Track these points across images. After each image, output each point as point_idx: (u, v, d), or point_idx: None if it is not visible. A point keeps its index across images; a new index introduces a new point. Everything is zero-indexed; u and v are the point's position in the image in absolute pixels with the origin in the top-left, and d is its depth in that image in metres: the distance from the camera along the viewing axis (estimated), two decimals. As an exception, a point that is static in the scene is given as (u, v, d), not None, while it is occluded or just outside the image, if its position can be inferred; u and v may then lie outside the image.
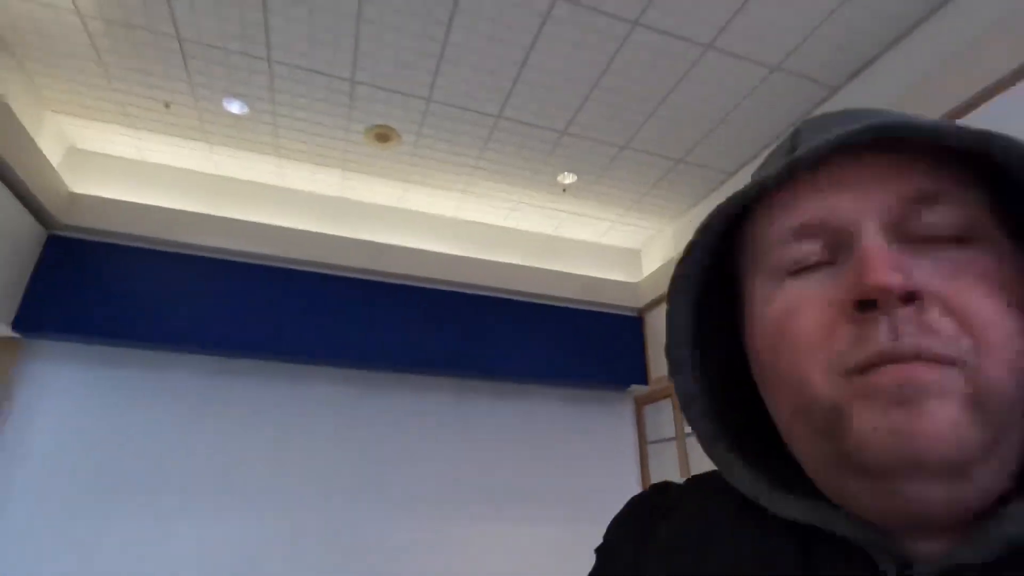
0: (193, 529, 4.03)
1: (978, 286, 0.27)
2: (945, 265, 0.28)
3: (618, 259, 6.09)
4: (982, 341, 0.26)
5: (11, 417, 4.04)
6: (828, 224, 0.30)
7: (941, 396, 0.26)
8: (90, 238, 4.28)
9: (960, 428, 0.26)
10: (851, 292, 0.27)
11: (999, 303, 0.27)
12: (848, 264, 0.30)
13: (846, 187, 0.30)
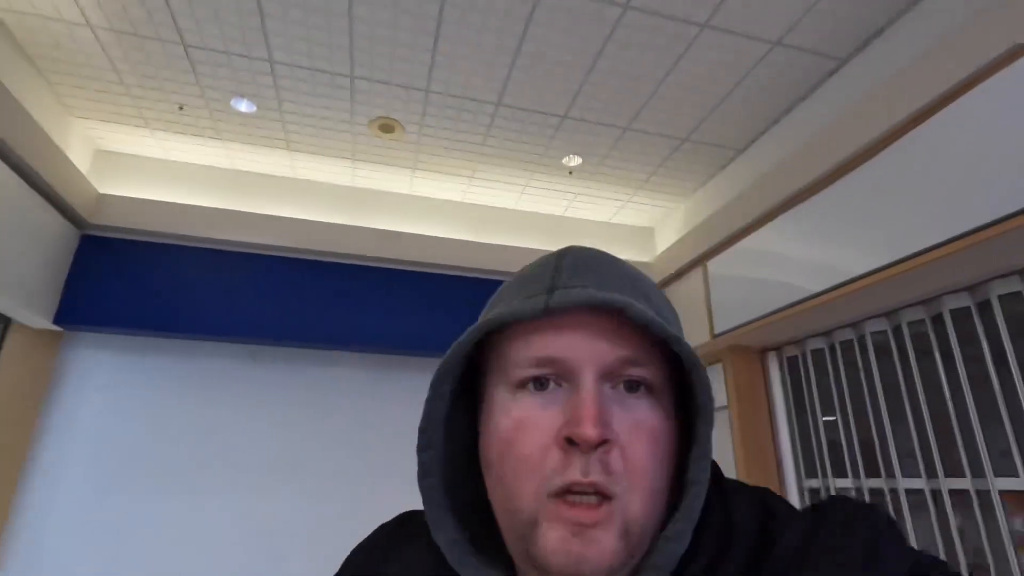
0: (224, 506, 4.35)
1: (644, 441, 0.37)
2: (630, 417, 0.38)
3: (631, 238, 6.07)
4: (633, 482, 0.36)
5: (58, 402, 4.41)
6: (563, 361, 0.38)
7: (603, 529, 0.35)
8: (119, 236, 4.56)
9: (613, 554, 0.36)
10: (565, 430, 0.36)
11: (652, 454, 0.37)
12: (570, 397, 0.38)
13: (583, 337, 0.38)
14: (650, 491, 0.37)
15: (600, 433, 0.36)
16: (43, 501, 4.19)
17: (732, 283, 4.53)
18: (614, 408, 0.39)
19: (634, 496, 0.37)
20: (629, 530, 0.36)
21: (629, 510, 0.36)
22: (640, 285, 0.42)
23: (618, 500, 0.36)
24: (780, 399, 4.51)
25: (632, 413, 0.39)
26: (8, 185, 3.71)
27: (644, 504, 0.37)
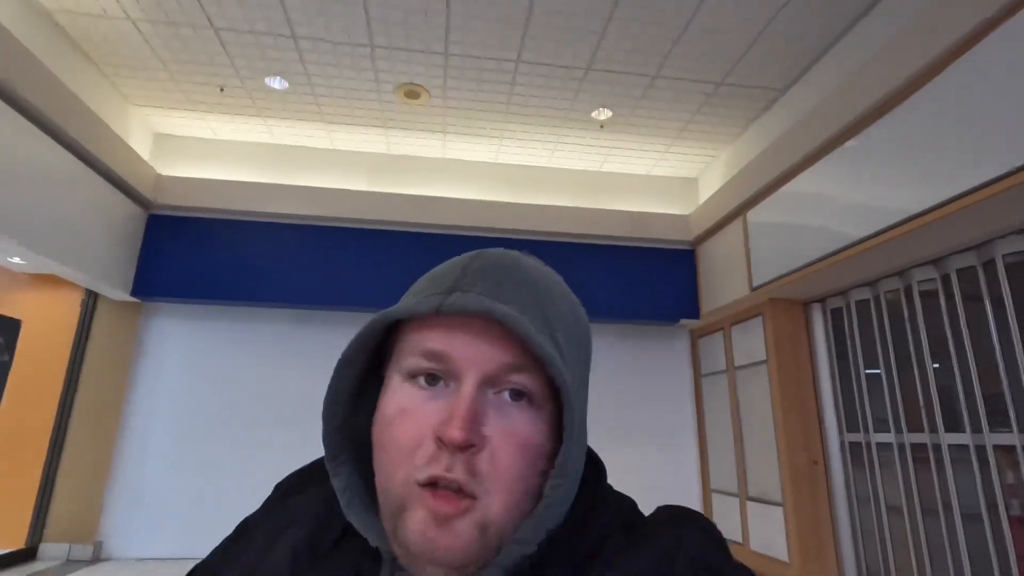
0: (278, 452, 4.81)
1: (512, 449, 0.39)
2: (505, 424, 0.40)
3: (673, 190, 5.88)
4: (496, 485, 0.39)
5: (143, 364, 4.98)
6: (448, 358, 0.40)
7: (461, 522, 0.38)
8: (179, 214, 4.97)
9: (468, 544, 0.38)
10: (438, 429, 0.39)
11: (519, 462, 0.39)
12: (449, 396, 0.40)
13: (471, 340, 0.40)
14: (512, 496, 0.39)
15: (464, 438, 0.38)
16: (139, 447, 4.81)
17: (772, 232, 4.33)
18: (490, 413, 0.40)
19: (495, 498, 0.39)
20: (487, 528, 0.38)
21: (490, 510, 0.38)
22: (542, 296, 0.43)
23: (480, 500, 0.39)
24: (823, 352, 4.34)
25: (508, 420, 0.40)
26: (79, 174, 4.13)
27: (504, 507, 0.39)
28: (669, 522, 0.43)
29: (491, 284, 0.42)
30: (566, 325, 0.44)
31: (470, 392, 0.40)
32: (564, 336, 0.43)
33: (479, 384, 0.40)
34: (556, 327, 0.43)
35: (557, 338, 0.42)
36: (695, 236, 5.46)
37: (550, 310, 0.43)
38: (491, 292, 0.41)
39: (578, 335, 0.45)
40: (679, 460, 5.37)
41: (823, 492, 4.11)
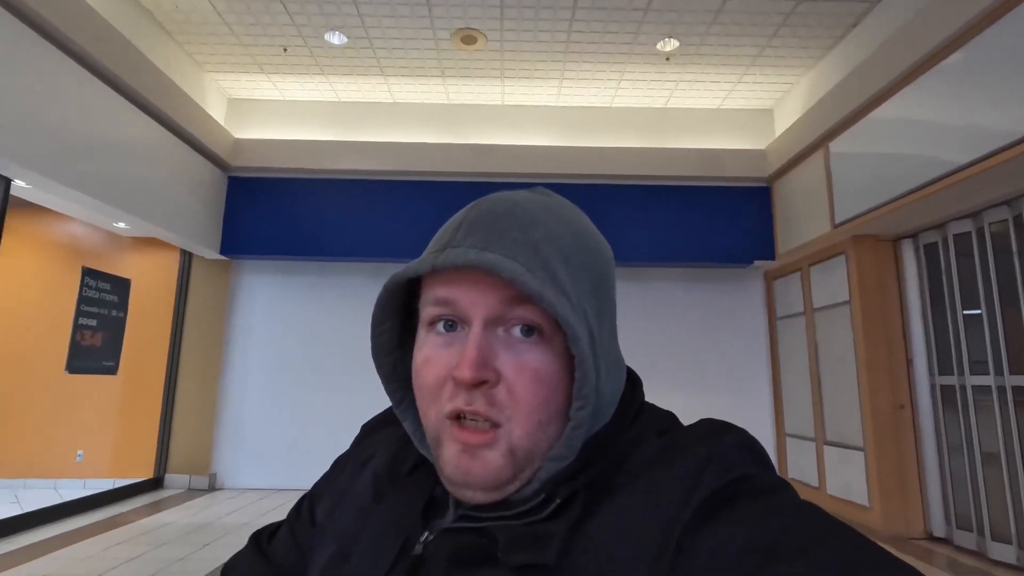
0: (361, 397, 5.14)
1: (527, 380, 0.42)
2: (516, 359, 0.43)
3: (745, 123, 5.51)
4: (516, 413, 0.42)
5: (236, 317, 5.41)
6: (455, 303, 0.44)
7: (489, 449, 0.42)
8: (256, 175, 5.23)
9: (499, 469, 0.42)
10: (452, 372, 0.42)
11: (535, 392, 0.42)
12: (463, 339, 0.44)
13: (472, 287, 0.43)
14: (533, 422, 0.42)
15: (472, 376, 0.41)
16: (238, 392, 5.30)
17: (858, 164, 4.00)
18: (500, 351, 0.43)
19: (516, 425, 0.42)
20: (514, 451, 0.42)
21: (513, 435, 0.42)
22: (535, 232, 0.44)
23: (503, 427, 0.42)
24: (914, 291, 4.04)
25: (519, 356, 0.43)
26: (166, 142, 4.42)
27: (527, 432, 0.42)
28: (708, 435, 0.43)
29: (482, 235, 0.44)
30: (568, 256, 0.45)
31: (476, 333, 0.43)
32: (566, 267, 0.44)
33: (485, 325, 0.43)
34: (553, 260, 0.44)
35: (554, 270, 0.43)
36: (771, 172, 5.13)
37: (546, 245, 0.44)
38: (481, 242, 0.44)
39: (586, 263, 0.46)
40: (752, 404, 5.27)
41: (909, 437, 3.92)
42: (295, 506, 0.57)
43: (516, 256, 0.43)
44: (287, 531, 0.57)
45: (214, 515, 4.20)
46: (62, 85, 3.45)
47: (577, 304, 0.44)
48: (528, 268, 0.42)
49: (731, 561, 0.34)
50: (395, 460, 0.53)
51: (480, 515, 0.44)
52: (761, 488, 0.39)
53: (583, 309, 0.44)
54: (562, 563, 0.38)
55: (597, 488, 0.42)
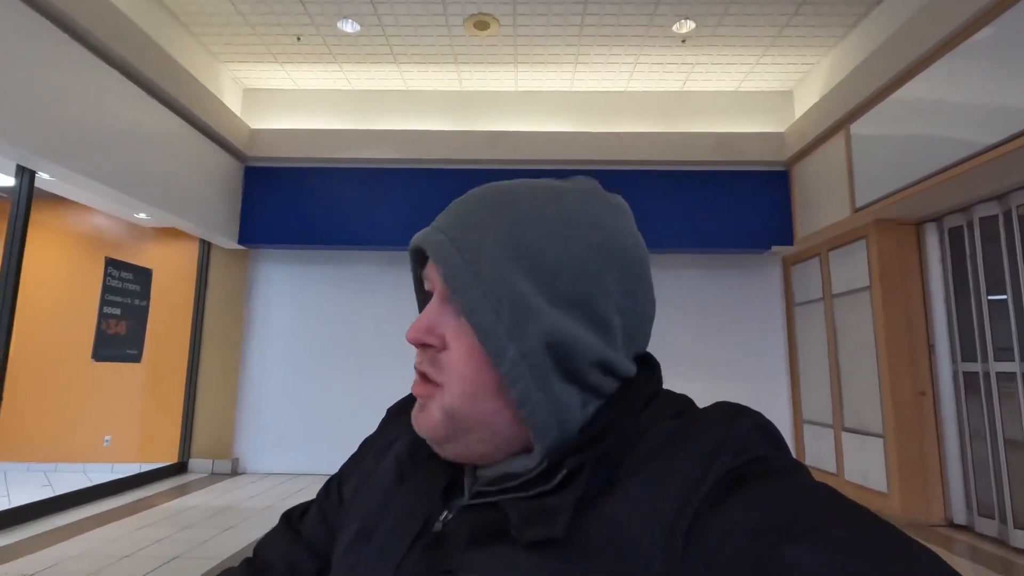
0: (378, 381, 5.20)
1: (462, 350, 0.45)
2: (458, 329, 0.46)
3: (764, 106, 5.40)
4: (449, 379, 0.46)
5: (255, 305, 5.49)
6: (428, 278, 0.49)
7: (431, 401, 0.47)
8: (271, 165, 5.27)
9: (437, 424, 0.46)
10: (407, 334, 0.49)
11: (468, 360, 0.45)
12: None
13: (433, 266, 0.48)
14: (462, 390, 0.45)
15: (412, 337, 0.47)
16: (258, 378, 5.40)
17: (880, 146, 3.91)
18: (449, 321, 0.47)
19: (454, 389, 0.45)
20: (448, 412, 0.45)
21: (452, 399, 0.45)
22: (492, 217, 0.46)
23: (442, 388, 0.46)
24: (937, 276, 3.96)
25: (461, 327, 0.46)
26: (184, 134, 4.48)
27: (457, 398, 0.45)
28: (723, 416, 0.43)
29: (447, 217, 0.49)
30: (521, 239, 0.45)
31: (432, 303, 0.48)
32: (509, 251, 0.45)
33: (441, 298, 0.48)
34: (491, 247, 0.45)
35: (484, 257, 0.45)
36: (789, 155, 5.04)
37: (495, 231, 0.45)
38: (442, 223, 0.48)
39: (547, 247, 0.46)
40: (769, 391, 5.23)
41: (930, 423, 3.87)
42: (324, 486, 0.60)
43: (458, 239, 0.46)
44: (317, 510, 0.59)
45: (237, 499, 4.31)
46: (82, 78, 3.50)
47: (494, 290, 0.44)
48: (458, 251, 0.45)
49: (744, 541, 0.34)
50: (417, 442, 0.55)
51: (491, 490, 0.45)
52: (776, 469, 0.39)
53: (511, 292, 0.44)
54: (574, 539, 0.39)
55: (610, 466, 0.43)
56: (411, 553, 0.45)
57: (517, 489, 0.44)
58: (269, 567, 0.55)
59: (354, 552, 0.48)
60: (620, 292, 0.48)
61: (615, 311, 0.47)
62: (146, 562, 2.93)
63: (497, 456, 0.47)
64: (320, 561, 0.54)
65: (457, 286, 0.44)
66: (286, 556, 0.55)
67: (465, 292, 0.44)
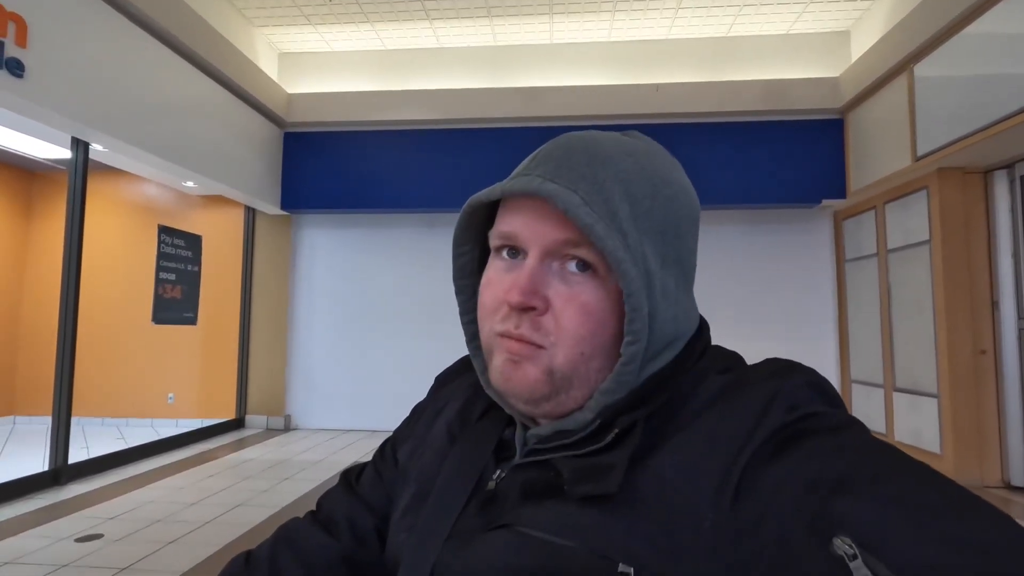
0: (419, 342, 5.32)
1: (574, 311, 0.44)
2: (567, 290, 0.45)
3: (817, 49, 5.06)
4: (560, 340, 0.44)
5: (299, 269, 5.65)
6: (516, 236, 0.46)
7: (531, 363, 0.45)
8: (310, 130, 5.31)
9: (536, 382, 0.45)
10: (506, 295, 0.45)
11: (580, 323, 0.44)
12: (522, 267, 0.46)
13: (532, 219, 0.45)
14: (576, 352, 0.44)
15: (519, 300, 0.44)
16: (305, 339, 5.61)
17: (947, 88, 3.62)
18: (553, 281, 0.45)
19: (560, 350, 0.44)
20: (553, 373, 0.44)
21: (555, 359, 0.44)
22: (604, 169, 0.45)
23: (547, 350, 0.45)
24: (1005, 228, 3.71)
25: (570, 287, 0.45)
26: (222, 101, 4.54)
27: (568, 358, 0.44)
28: (775, 373, 0.43)
29: (552, 165, 0.46)
30: (634, 198, 0.45)
31: (531, 264, 0.45)
32: (630, 207, 0.44)
33: (541, 257, 0.45)
34: (616, 198, 0.44)
35: (615, 208, 0.44)
36: (844, 102, 4.74)
37: (612, 183, 0.45)
38: (549, 173, 0.45)
39: (655, 208, 0.46)
40: (816, 350, 5.09)
41: (990, 383, 3.70)
42: (379, 449, 0.63)
43: (578, 189, 0.44)
44: (372, 471, 0.61)
45: (291, 452, 4.55)
46: (128, 51, 3.57)
47: (635, 245, 0.44)
48: (586, 201, 0.43)
49: (796, 495, 0.34)
50: (466, 406, 0.56)
51: (545, 447, 0.46)
52: (829, 425, 0.38)
53: (641, 250, 0.44)
54: (625, 494, 0.39)
55: (660, 422, 0.43)
56: (467, 511, 0.47)
57: (570, 447, 0.44)
58: (331, 521, 0.57)
59: (412, 513, 0.50)
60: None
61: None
62: (212, 508, 3.16)
63: (567, 411, 0.47)
64: (377, 519, 0.57)
65: (599, 235, 0.42)
66: (346, 512, 0.57)
67: (610, 241, 0.42)
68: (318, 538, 0.56)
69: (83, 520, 2.94)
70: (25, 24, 2.88)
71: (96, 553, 2.52)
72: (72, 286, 3.55)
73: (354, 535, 0.56)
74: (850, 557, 0.30)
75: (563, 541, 0.39)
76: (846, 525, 0.31)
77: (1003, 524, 0.30)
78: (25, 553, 2.51)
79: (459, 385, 0.60)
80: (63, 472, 3.55)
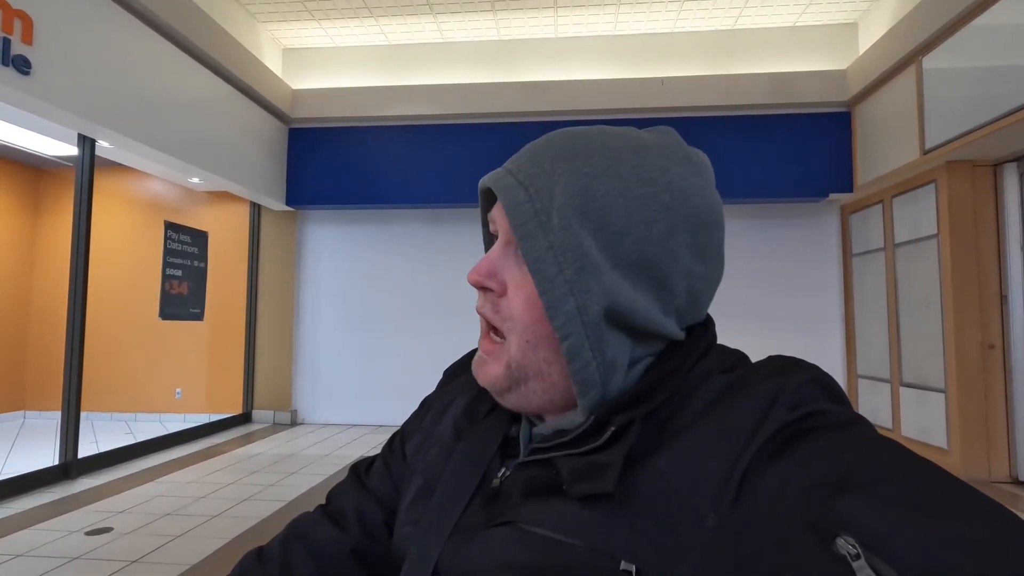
0: (425, 337, 5.33)
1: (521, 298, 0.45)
2: (519, 277, 0.46)
3: (824, 41, 5.01)
4: (512, 327, 0.46)
5: (305, 265, 5.67)
6: (494, 222, 0.50)
7: (493, 359, 0.48)
8: (315, 126, 5.32)
9: (496, 377, 0.48)
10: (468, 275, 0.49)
11: (526, 308, 0.45)
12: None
13: (500, 207, 0.47)
14: (523, 340, 0.45)
15: (473, 280, 0.48)
16: (311, 334, 5.64)
17: (955, 80, 3.58)
18: (511, 267, 0.47)
19: (512, 339, 0.46)
20: (510, 364, 0.46)
21: (511, 350, 0.46)
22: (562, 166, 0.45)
23: (507, 340, 0.47)
24: (1015, 221, 3.67)
25: (524, 276, 0.45)
26: (227, 97, 4.55)
27: (518, 348, 0.46)
28: (778, 370, 0.42)
29: (524, 159, 0.47)
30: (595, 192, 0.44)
31: (494, 249, 0.48)
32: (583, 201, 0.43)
33: (505, 242, 0.48)
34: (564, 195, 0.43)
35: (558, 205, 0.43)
36: (852, 95, 4.70)
37: (569, 179, 0.44)
38: (516, 166, 0.47)
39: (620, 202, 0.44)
40: (823, 344, 5.07)
41: (998, 378, 3.68)
42: (388, 442, 0.63)
43: (530, 185, 0.44)
44: (382, 464, 0.61)
45: (297, 447, 4.58)
46: (133, 48, 3.58)
47: (567, 242, 0.43)
48: (530, 199, 0.44)
49: (799, 494, 0.33)
50: (474, 403, 0.57)
51: (545, 446, 0.46)
52: (834, 423, 0.38)
53: (580, 248, 0.43)
54: (627, 492, 0.39)
55: (662, 421, 0.43)
56: (471, 507, 0.47)
57: (569, 446, 0.45)
58: (341, 514, 0.58)
59: (417, 507, 0.51)
60: (689, 256, 0.45)
61: (681, 275, 0.45)
62: (220, 502, 3.19)
63: (554, 409, 0.48)
64: (386, 512, 0.57)
65: (524, 233, 0.43)
66: (356, 505, 0.58)
67: (531, 240, 0.43)
68: (328, 531, 0.56)
69: (93, 514, 2.97)
70: (31, 21, 2.89)
71: (106, 546, 2.55)
72: (80, 282, 3.57)
73: (363, 528, 0.56)
74: (853, 557, 0.30)
75: (565, 539, 0.39)
76: (849, 525, 0.31)
77: (1009, 524, 0.29)
78: (36, 546, 2.54)
79: (467, 380, 0.60)
80: (73, 466, 3.59)
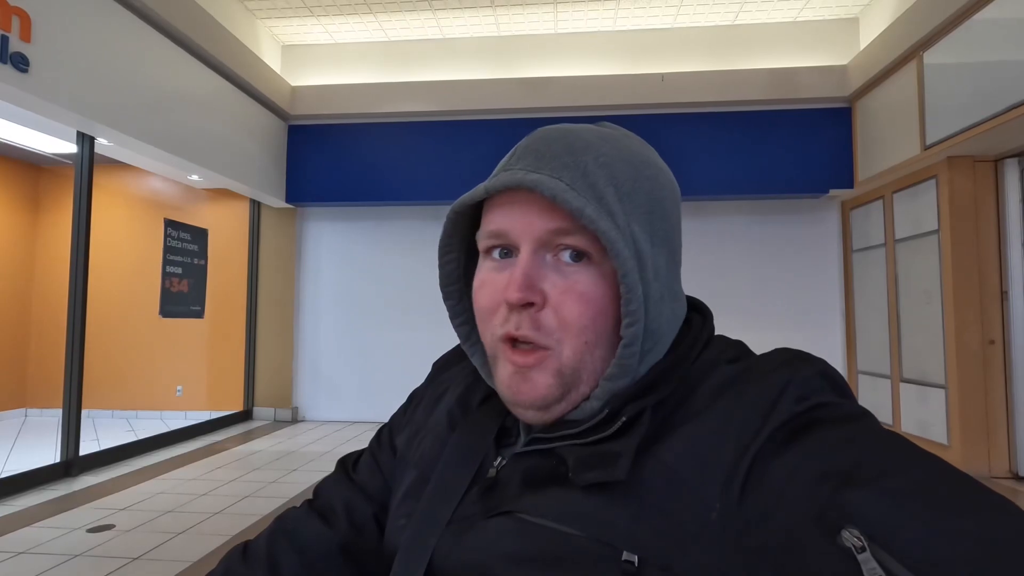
0: (425, 335, 5.33)
1: (574, 302, 0.44)
2: (564, 282, 0.44)
3: (825, 36, 4.99)
4: (563, 335, 0.44)
5: (305, 261, 5.67)
6: (507, 234, 0.46)
7: (539, 371, 0.44)
8: (314, 122, 5.31)
9: (547, 388, 0.44)
10: (503, 295, 0.45)
11: (581, 313, 0.44)
12: (512, 265, 0.46)
13: (521, 213, 0.45)
14: (581, 342, 0.44)
15: (520, 297, 0.43)
16: (311, 331, 5.64)
17: (956, 75, 3.57)
18: (549, 274, 0.44)
19: (565, 346, 0.44)
20: (562, 372, 0.44)
21: (562, 357, 0.44)
22: (585, 156, 0.45)
23: (552, 350, 0.44)
24: (1016, 217, 3.67)
25: (566, 278, 0.44)
26: (226, 94, 4.54)
27: (575, 352, 0.44)
28: (786, 363, 0.42)
29: (533, 158, 0.45)
30: (618, 180, 0.45)
31: (524, 259, 0.45)
32: (615, 190, 0.44)
33: (533, 250, 0.45)
34: (601, 182, 0.44)
35: (601, 192, 0.44)
36: (852, 90, 4.68)
37: (596, 168, 0.45)
38: (531, 165, 0.45)
39: (639, 189, 0.46)
40: (823, 340, 5.07)
41: (998, 374, 3.68)
42: (376, 435, 0.62)
43: (563, 176, 0.44)
44: (370, 457, 0.61)
45: (298, 444, 4.59)
46: (132, 45, 3.57)
47: (624, 225, 0.44)
48: (572, 186, 0.43)
49: (805, 487, 0.34)
50: (467, 393, 0.56)
51: (549, 436, 0.46)
52: (839, 416, 0.38)
53: (630, 231, 0.44)
54: (630, 483, 0.39)
55: (668, 411, 0.43)
56: (467, 498, 0.47)
57: (575, 436, 0.44)
58: (329, 509, 0.57)
59: (412, 499, 0.50)
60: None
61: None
62: (221, 499, 3.19)
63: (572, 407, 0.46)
64: (374, 506, 0.57)
65: (603, 228, 0.42)
66: (344, 500, 0.57)
67: (605, 227, 0.42)
68: (315, 527, 0.56)
69: (94, 511, 2.98)
70: (29, 18, 2.89)
71: (108, 543, 2.56)
72: (80, 280, 3.57)
73: (351, 523, 0.56)
74: (858, 549, 0.30)
75: (566, 528, 0.39)
76: (855, 517, 0.31)
77: (1013, 517, 0.30)
78: (38, 543, 2.55)
79: (458, 372, 0.60)
80: (74, 464, 3.60)
